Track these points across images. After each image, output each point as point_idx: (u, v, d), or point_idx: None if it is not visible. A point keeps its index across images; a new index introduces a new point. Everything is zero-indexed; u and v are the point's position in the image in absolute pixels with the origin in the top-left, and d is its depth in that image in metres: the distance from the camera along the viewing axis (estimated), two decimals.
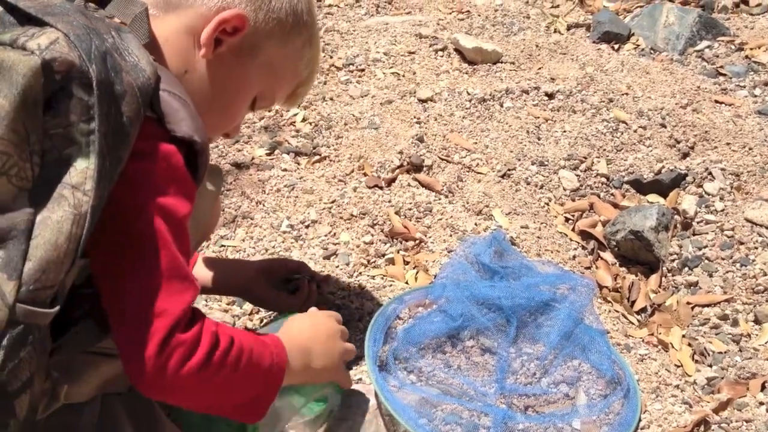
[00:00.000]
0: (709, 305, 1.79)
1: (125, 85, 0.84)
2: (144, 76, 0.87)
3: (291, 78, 1.15)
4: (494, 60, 2.60)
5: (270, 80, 1.12)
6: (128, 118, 0.84)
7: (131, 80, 0.85)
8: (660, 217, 1.92)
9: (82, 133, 0.80)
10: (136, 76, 0.86)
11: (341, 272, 1.79)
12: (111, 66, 0.83)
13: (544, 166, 2.14)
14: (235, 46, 1.04)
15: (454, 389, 1.50)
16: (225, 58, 1.05)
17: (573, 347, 1.59)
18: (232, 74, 1.06)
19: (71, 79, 0.79)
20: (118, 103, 0.83)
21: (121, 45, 0.87)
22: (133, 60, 0.87)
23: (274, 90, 1.15)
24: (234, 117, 1.14)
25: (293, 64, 1.13)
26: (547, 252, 1.89)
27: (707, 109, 2.35)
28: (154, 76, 0.88)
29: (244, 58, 1.06)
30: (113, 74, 0.82)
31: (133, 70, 0.86)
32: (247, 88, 1.11)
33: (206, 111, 1.04)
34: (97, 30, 0.85)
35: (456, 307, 1.60)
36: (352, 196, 2.00)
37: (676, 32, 2.74)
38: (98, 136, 0.80)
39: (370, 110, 2.32)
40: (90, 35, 0.83)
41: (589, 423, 1.46)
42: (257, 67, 1.08)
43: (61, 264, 0.81)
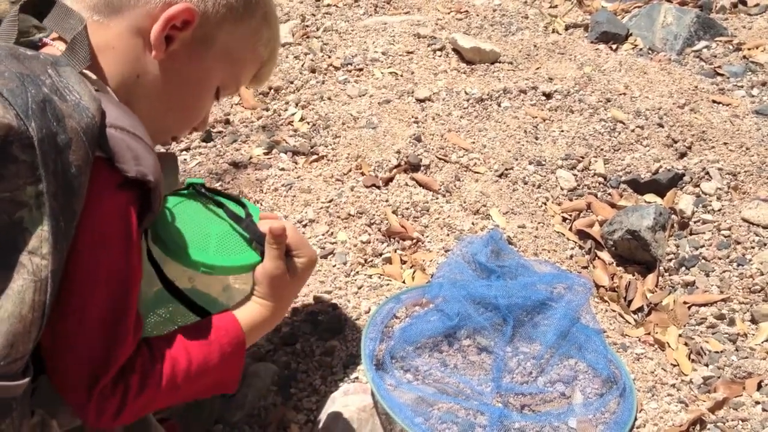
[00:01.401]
0: (706, 305, 1.79)
1: (69, 131, 0.79)
2: (88, 116, 0.81)
3: (252, 61, 1.11)
4: (492, 60, 2.60)
5: (230, 67, 1.07)
6: (77, 167, 0.79)
7: (75, 125, 0.79)
8: (657, 217, 1.93)
9: (31, 195, 0.76)
10: (80, 117, 0.80)
11: (338, 271, 1.80)
12: (52, 115, 0.78)
13: (542, 166, 2.14)
14: (187, 41, 0.99)
15: (451, 388, 1.50)
16: (179, 55, 0.99)
17: (569, 346, 1.59)
18: (189, 69, 1.01)
19: (10, 143, 0.74)
20: (64, 154, 0.78)
21: (60, 83, 0.81)
22: (75, 98, 0.81)
23: (237, 76, 1.10)
24: (198, 112, 1.10)
25: (252, 46, 1.08)
26: (544, 251, 1.90)
27: (705, 109, 2.35)
28: (98, 113, 0.83)
29: (199, 50, 1.01)
30: (55, 124, 0.77)
31: (76, 112, 0.80)
32: (206, 80, 1.05)
33: (166, 111, 1.02)
34: (32, 74, 0.79)
35: (453, 306, 1.61)
36: (349, 196, 2.01)
37: (674, 32, 2.75)
38: (47, 197, 0.76)
39: (368, 110, 2.32)
40: (25, 85, 0.77)
41: (585, 422, 1.46)
42: (214, 57, 1.03)
43: (28, 334, 0.78)
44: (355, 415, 1.44)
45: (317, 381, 1.56)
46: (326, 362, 1.60)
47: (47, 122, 0.77)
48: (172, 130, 1.09)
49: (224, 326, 1.05)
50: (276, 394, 1.54)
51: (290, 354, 1.61)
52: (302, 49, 2.61)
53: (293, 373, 1.57)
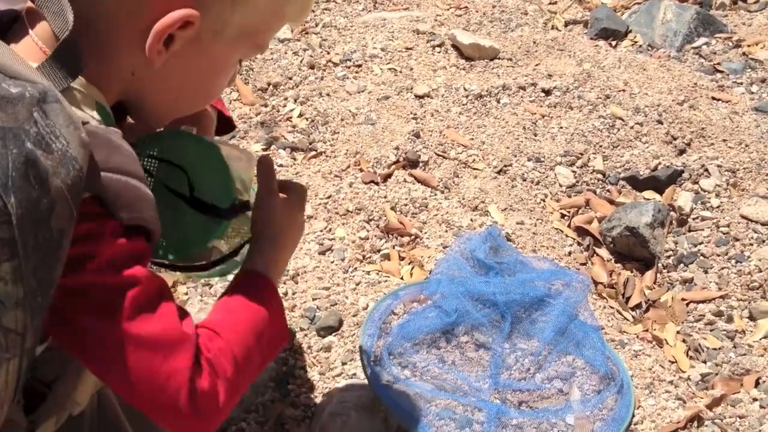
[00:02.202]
0: (704, 301, 1.79)
1: (53, 192, 0.71)
2: (75, 168, 0.74)
3: (277, 24, 0.97)
4: (491, 56, 2.59)
5: (251, 42, 0.94)
6: (59, 231, 0.73)
7: (59, 183, 0.72)
8: (656, 214, 1.92)
9: (7, 271, 0.70)
10: (65, 173, 0.72)
11: (337, 268, 1.80)
12: (34, 178, 0.70)
13: (541, 163, 2.14)
14: (193, 37, 0.86)
15: (448, 384, 1.50)
16: (184, 52, 0.87)
17: (567, 343, 1.60)
18: (197, 63, 0.91)
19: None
20: (45, 221, 0.71)
21: (45, 129, 0.72)
22: (62, 146, 0.73)
23: (260, 44, 0.96)
24: (216, 90, 1.00)
25: (273, 15, 0.94)
26: (542, 248, 1.89)
27: (704, 106, 2.35)
28: (86, 162, 0.75)
29: (207, 42, 0.89)
30: (37, 188, 0.70)
31: (62, 166, 0.72)
32: (223, 66, 0.95)
33: (176, 101, 0.94)
34: (15, 127, 0.70)
35: (451, 303, 1.61)
36: (347, 192, 2.00)
37: (674, 29, 2.74)
38: (25, 273, 0.70)
39: (366, 106, 2.32)
40: (6, 145, 0.69)
41: (583, 418, 1.46)
42: (227, 41, 0.90)
43: (1, 410, 0.73)
44: (353, 412, 1.44)
45: (315, 377, 1.56)
46: (324, 358, 1.60)
47: (28, 191, 0.69)
48: (189, 111, 1.01)
49: (252, 282, 0.99)
50: (274, 390, 1.54)
51: (288, 350, 1.61)
52: (301, 45, 2.60)
53: (291, 370, 1.57)
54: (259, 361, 0.96)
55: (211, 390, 0.85)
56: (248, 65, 2.49)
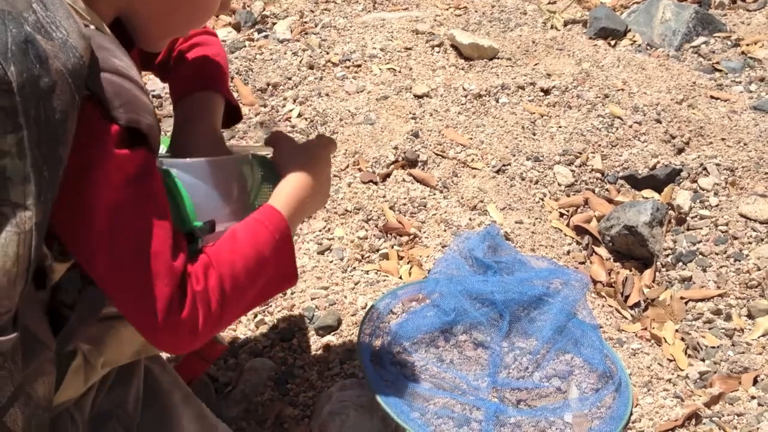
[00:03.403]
0: (703, 300, 1.79)
1: (54, 74, 0.74)
2: (75, 56, 0.76)
3: None
4: (491, 56, 2.60)
5: None
6: (62, 113, 0.75)
7: (60, 66, 0.74)
8: (654, 213, 1.93)
9: (12, 144, 0.72)
10: (66, 58, 0.75)
11: (335, 267, 1.80)
12: (34, 56, 0.72)
13: (539, 162, 2.14)
14: None
15: (447, 383, 1.51)
16: None
17: (565, 341, 1.60)
18: None
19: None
20: (47, 99, 0.73)
21: (45, 19, 0.75)
22: (62, 35, 0.76)
23: None
24: (212, 3, 1.01)
25: None
26: (541, 247, 1.90)
27: (703, 105, 2.35)
28: (87, 51, 0.78)
29: None
30: (38, 66, 0.73)
31: (62, 51, 0.75)
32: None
33: (170, 13, 0.96)
34: (14, 11, 0.73)
35: (449, 302, 1.61)
36: (346, 192, 2.01)
37: (673, 28, 2.74)
38: (29, 146, 0.73)
39: (365, 106, 2.32)
40: (5, 23, 0.71)
41: (581, 417, 1.46)
42: None
43: (12, 288, 0.76)
44: (352, 411, 1.45)
45: (314, 376, 1.56)
46: (323, 358, 1.60)
47: (29, 65, 0.72)
48: (185, 28, 1.04)
49: (266, 217, 1.01)
50: (273, 389, 1.54)
51: (287, 350, 1.62)
52: (300, 45, 2.61)
53: (290, 369, 1.58)
54: (251, 298, 0.99)
55: (189, 320, 0.89)
56: (248, 66, 2.49)
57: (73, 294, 0.93)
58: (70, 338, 0.93)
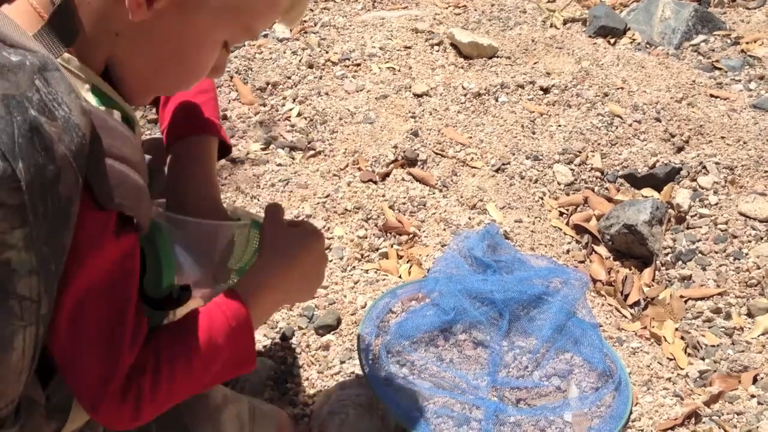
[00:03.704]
0: (703, 299, 1.79)
1: (59, 159, 0.71)
2: (78, 135, 0.73)
3: (267, 11, 0.93)
4: (490, 54, 2.59)
5: (237, 21, 0.90)
6: (66, 198, 0.72)
7: (64, 150, 0.71)
8: (654, 211, 1.92)
9: (19, 238, 0.69)
10: (69, 139, 0.72)
11: (335, 266, 1.80)
12: (40, 144, 0.70)
13: (539, 161, 2.14)
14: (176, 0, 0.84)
15: (446, 382, 1.51)
16: (166, 13, 0.84)
17: (565, 340, 1.60)
18: (180, 28, 0.87)
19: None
20: (53, 187, 0.71)
21: (48, 97, 0.72)
22: (64, 113, 0.73)
23: (248, 27, 0.93)
24: (200, 68, 0.94)
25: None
26: (540, 246, 1.90)
27: (702, 103, 2.35)
28: (88, 129, 0.75)
29: (191, 7, 0.85)
30: (43, 154, 0.70)
31: (65, 132, 0.72)
32: (205, 37, 0.90)
33: (156, 70, 0.90)
34: (18, 94, 0.70)
35: (448, 301, 1.61)
36: (346, 191, 2.01)
37: (672, 26, 2.74)
38: (36, 241, 0.70)
39: (365, 105, 2.32)
40: (11, 111, 0.69)
41: (581, 415, 1.46)
42: (214, 13, 0.87)
43: (18, 380, 0.74)
44: (351, 410, 1.45)
45: (313, 376, 1.56)
46: (322, 357, 1.60)
47: (35, 157, 0.69)
48: (171, 87, 0.98)
49: (223, 303, 0.98)
50: (272, 389, 1.54)
51: (286, 349, 1.62)
52: (300, 44, 2.61)
53: (289, 368, 1.58)
54: (206, 381, 0.96)
55: (131, 408, 0.87)
56: (247, 65, 2.49)
57: None
58: (58, 390, 0.90)
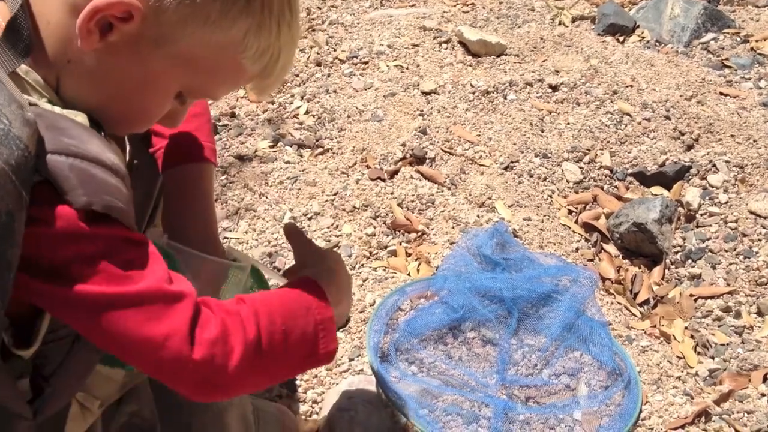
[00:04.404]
0: (712, 297, 1.78)
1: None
2: (19, 148, 0.70)
3: (231, 74, 0.90)
4: (498, 52, 2.59)
5: (194, 76, 0.87)
6: (7, 215, 0.69)
7: (2, 165, 0.69)
8: (663, 210, 1.92)
9: None
10: (9, 153, 0.69)
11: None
12: None
13: (548, 159, 2.14)
14: (132, 35, 0.81)
15: (455, 380, 1.50)
16: (119, 49, 0.81)
17: (574, 339, 1.59)
18: (131, 69, 0.84)
19: None
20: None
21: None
22: (3, 126, 0.70)
23: (206, 87, 0.91)
24: (149, 113, 0.91)
25: (230, 58, 0.87)
26: (549, 244, 1.89)
27: (712, 102, 2.34)
28: (32, 139, 0.72)
29: (147, 50, 0.82)
30: None
31: (4, 145, 0.69)
32: (156, 84, 0.87)
33: (103, 105, 0.86)
34: None
35: (457, 299, 1.61)
36: (354, 189, 2.01)
37: (682, 24, 2.73)
38: None
39: (373, 103, 2.32)
40: None
41: (590, 414, 1.46)
42: (169, 60, 0.84)
43: None
44: (360, 407, 1.44)
45: (322, 373, 1.56)
46: None
47: None
48: (116, 127, 0.92)
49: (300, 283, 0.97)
50: (281, 385, 1.54)
51: None
52: (308, 42, 2.60)
53: None
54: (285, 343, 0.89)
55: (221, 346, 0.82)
56: None
57: (52, 366, 0.87)
58: (44, 409, 0.88)
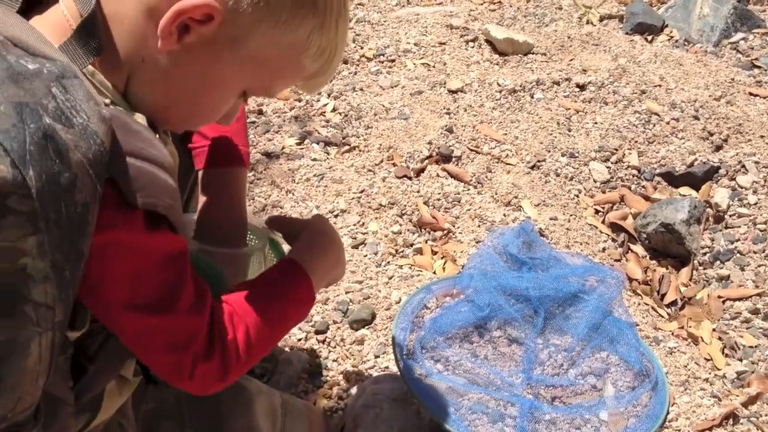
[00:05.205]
0: (741, 299, 1.77)
1: (74, 167, 0.70)
2: (96, 143, 0.73)
3: (292, 72, 0.93)
4: (525, 51, 2.58)
5: (260, 74, 0.91)
6: (83, 206, 0.72)
7: (80, 157, 0.71)
8: (692, 210, 1.90)
9: (32, 245, 0.69)
10: (87, 147, 0.71)
11: (369, 261, 1.80)
12: (54, 151, 0.69)
13: (575, 158, 2.13)
14: (208, 37, 0.83)
15: (481, 379, 1.50)
16: (195, 49, 0.84)
17: (601, 339, 1.58)
18: (205, 68, 0.87)
19: (6, 195, 0.66)
20: (68, 195, 0.70)
21: (65, 104, 0.71)
22: (82, 121, 0.72)
23: (269, 85, 0.94)
24: (213, 112, 0.95)
25: (294, 57, 0.90)
26: (576, 244, 1.88)
27: (741, 102, 2.32)
28: (108, 136, 0.74)
29: (221, 50, 0.85)
30: (57, 161, 0.69)
31: (83, 139, 0.71)
32: (225, 82, 0.90)
33: (170, 104, 0.90)
34: (32, 102, 0.69)
35: (483, 298, 1.61)
36: (381, 186, 2.01)
37: (711, 24, 2.71)
38: (50, 248, 0.70)
39: (399, 101, 2.32)
40: (23, 119, 0.68)
41: (617, 415, 1.45)
42: (239, 60, 0.87)
43: (35, 383, 0.74)
44: (386, 404, 1.45)
45: (348, 369, 1.57)
46: (357, 351, 1.61)
47: (48, 164, 0.68)
48: (177, 125, 0.97)
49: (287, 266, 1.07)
50: (307, 381, 1.55)
51: (321, 342, 1.62)
52: None
53: (324, 362, 1.58)
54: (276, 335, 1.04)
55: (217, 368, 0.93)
56: None
57: (95, 347, 0.92)
58: (87, 391, 0.92)
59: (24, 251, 0.68)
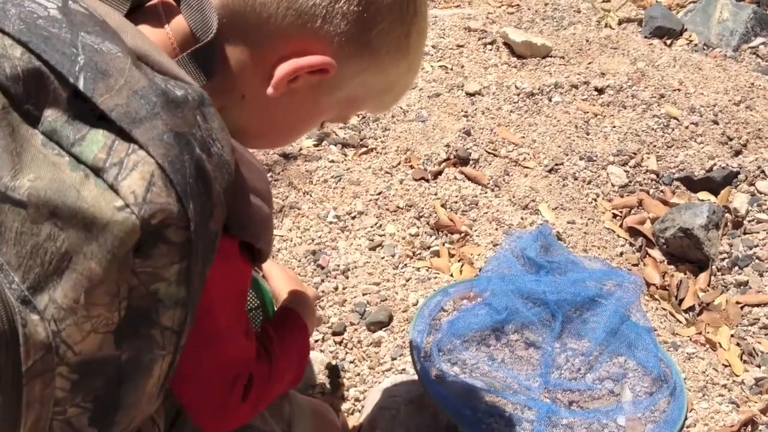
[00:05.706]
0: (759, 305, 1.76)
1: (215, 198, 0.71)
2: (228, 173, 0.73)
3: (372, 106, 0.97)
4: (543, 54, 2.58)
5: (346, 110, 0.93)
6: (215, 234, 0.73)
7: (218, 188, 0.71)
8: (710, 215, 1.89)
9: (174, 273, 0.69)
10: (222, 178, 0.72)
11: (387, 263, 1.80)
12: (203, 183, 0.69)
13: (593, 162, 2.12)
14: (313, 84, 0.84)
15: (498, 382, 1.50)
16: (297, 93, 0.85)
17: (619, 344, 1.58)
18: (300, 108, 0.88)
19: (167, 226, 0.66)
20: (208, 226, 0.71)
21: (206, 133, 0.71)
22: (218, 150, 0.72)
23: (347, 116, 0.97)
24: (295, 139, 1.00)
25: (379, 95, 0.93)
26: (593, 248, 1.88)
27: (761, 107, 2.31)
28: (233, 165, 0.75)
29: (322, 94, 0.87)
30: (204, 192, 0.69)
31: (219, 171, 0.71)
32: (316, 120, 0.93)
33: (262, 135, 0.92)
34: (187, 132, 0.69)
35: (501, 301, 1.60)
36: (398, 188, 2.01)
37: (730, 28, 2.69)
38: (192, 275, 0.70)
39: (417, 103, 2.32)
40: (182, 150, 0.67)
41: (634, 420, 1.45)
42: (335, 101, 0.89)
43: (149, 405, 0.75)
44: (402, 407, 1.45)
45: (365, 371, 1.57)
46: (374, 353, 1.61)
47: (200, 197, 0.68)
48: (265, 147, 1.03)
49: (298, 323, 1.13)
50: (324, 382, 1.55)
51: (338, 344, 1.63)
52: None
53: (341, 363, 1.59)
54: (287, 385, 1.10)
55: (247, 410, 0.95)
56: None
57: None
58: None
59: (162, 277, 0.68)
